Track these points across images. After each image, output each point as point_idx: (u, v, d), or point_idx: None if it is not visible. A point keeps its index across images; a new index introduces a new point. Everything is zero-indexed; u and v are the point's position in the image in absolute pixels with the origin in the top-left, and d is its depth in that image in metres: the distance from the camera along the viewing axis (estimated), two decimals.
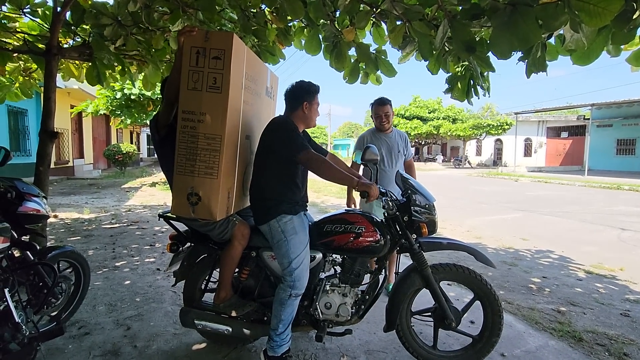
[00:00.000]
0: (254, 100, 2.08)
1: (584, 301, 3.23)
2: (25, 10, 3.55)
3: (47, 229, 5.33)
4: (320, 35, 3.05)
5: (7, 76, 4.53)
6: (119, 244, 4.68)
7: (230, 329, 2.12)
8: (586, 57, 1.93)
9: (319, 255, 2.11)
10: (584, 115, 23.69)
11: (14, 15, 3.68)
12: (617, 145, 22.02)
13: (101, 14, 3.14)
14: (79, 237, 4.99)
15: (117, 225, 5.86)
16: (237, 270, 2.20)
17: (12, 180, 2.06)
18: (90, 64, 3.76)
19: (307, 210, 2.21)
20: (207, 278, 2.29)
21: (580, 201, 9.93)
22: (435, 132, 28.37)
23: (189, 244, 2.27)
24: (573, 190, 12.75)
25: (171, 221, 2.18)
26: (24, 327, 1.74)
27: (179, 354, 2.26)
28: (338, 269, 2.21)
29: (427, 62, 2.61)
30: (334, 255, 2.18)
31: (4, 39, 3.80)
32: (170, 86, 1.83)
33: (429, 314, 2.22)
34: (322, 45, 3.08)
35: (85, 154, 16.24)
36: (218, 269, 2.13)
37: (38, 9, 3.61)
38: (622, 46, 1.94)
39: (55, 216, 6.34)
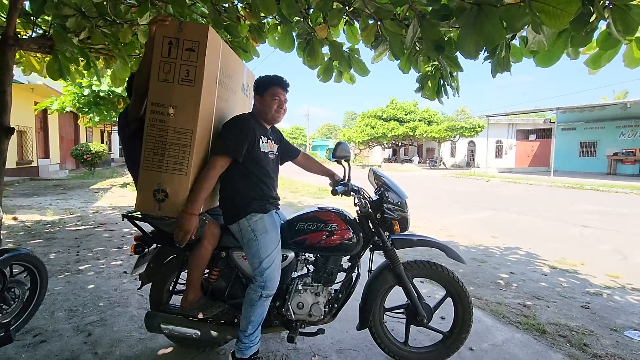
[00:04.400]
0: (228, 97, 2.02)
1: (548, 295, 3.37)
2: None
3: (4, 232, 5.03)
4: (293, 33, 3.03)
5: None
6: (83, 247, 4.46)
7: (199, 333, 2.05)
8: (548, 59, 2.01)
9: (291, 255, 2.08)
10: (550, 119, 24.85)
11: None
12: (580, 148, 23.21)
13: (63, 4, 2.98)
14: (40, 240, 4.71)
15: (82, 227, 5.59)
16: (206, 271, 2.13)
17: None
18: (51, 56, 3.56)
19: (278, 208, 2.17)
20: (174, 280, 2.20)
21: (547, 200, 10.39)
22: (412, 134, 28.93)
23: (155, 245, 2.18)
24: (540, 190, 13.33)
25: (136, 221, 2.09)
26: None
27: (143, 359, 2.16)
28: (311, 268, 2.19)
29: (399, 61, 2.64)
30: (307, 254, 2.15)
31: None
32: (140, 77, 1.75)
33: (402, 310, 2.24)
34: (296, 43, 3.05)
35: (51, 153, 15.44)
36: (186, 271, 2.06)
37: None
38: (580, 49, 2.03)
39: (15, 218, 5.98)
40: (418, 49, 2.52)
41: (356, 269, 2.15)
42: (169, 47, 1.61)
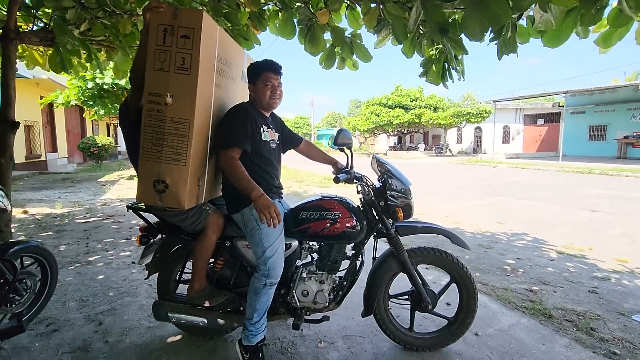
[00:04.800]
0: (227, 85, 2.00)
1: (555, 280, 3.35)
2: None
3: (16, 225, 5.12)
4: (294, 19, 2.97)
5: None
6: (93, 239, 4.53)
7: (206, 321, 2.08)
8: (556, 39, 1.94)
9: (295, 243, 2.08)
10: (559, 103, 24.35)
11: None
12: (590, 132, 22.79)
13: None
14: (50, 233, 4.79)
15: (91, 219, 5.67)
16: (212, 260, 2.15)
17: None
18: (53, 49, 3.55)
19: (282, 197, 2.17)
20: (181, 270, 2.23)
21: (554, 186, 10.27)
22: (417, 121, 28.58)
23: (160, 236, 2.20)
24: (548, 176, 13.17)
25: (141, 212, 2.10)
26: None
27: (152, 347, 2.20)
28: (315, 256, 2.19)
29: (402, 45, 2.59)
30: (311, 243, 2.16)
31: None
32: (136, 66, 1.73)
33: (406, 297, 2.24)
34: (297, 29, 3.00)
35: (58, 147, 15.60)
36: (192, 260, 2.08)
37: None
38: (590, 28, 1.96)
39: (25, 212, 6.07)
40: (422, 32, 2.46)
41: (360, 256, 2.15)
42: (164, 35, 1.58)
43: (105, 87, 10.44)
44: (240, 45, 3.41)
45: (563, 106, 21.88)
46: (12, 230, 4.36)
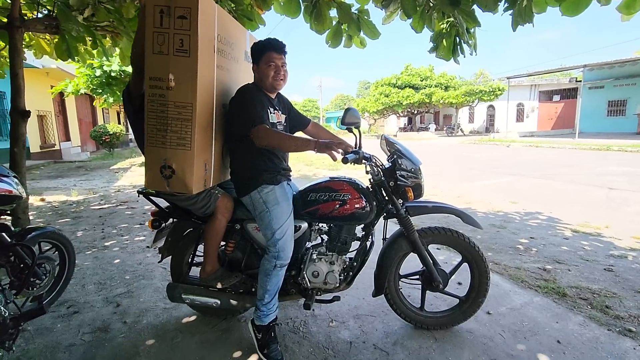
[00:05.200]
0: (230, 66, 1.96)
1: (569, 259, 3.30)
2: None
3: (34, 212, 5.27)
4: None
5: None
6: (108, 224, 4.63)
7: (219, 302, 2.12)
8: (575, 7, 1.83)
9: (304, 225, 2.08)
10: (576, 78, 23.47)
11: None
12: (608, 107, 22.01)
13: None
14: (67, 219, 4.92)
15: (106, 205, 5.79)
16: (222, 243, 2.17)
17: None
18: (59, 37, 3.55)
19: (290, 179, 2.15)
20: (193, 252, 2.26)
21: (570, 163, 10.02)
22: (428, 101, 27.96)
23: (171, 220, 2.22)
24: (563, 153, 12.84)
25: (151, 197, 2.12)
26: (2, 307, 1.72)
27: (168, 327, 2.27)
28: (325, 237, 2.19)
29: (412, 20, 2.49)
30: (320, 224, 2.15)
31: None
32: (136, 50, 1.71)
33: (417, 277, 2.24)
34: (302, 7, 2.92)
35: (71, 136, 15.85)
36: (203, 243, 2.10)
37: None
38: None
39: (42, 199, 6.23)
40: (432, 4, 2.36)
41: (370, 237, 2.14)
42: (161, 17, 1.54)
43: (112, 74, 10.47)
44: (244, 26, 3.35)
45: (580, 81, 21.09)
46: (31, 217, 4.49)
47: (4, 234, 2.06)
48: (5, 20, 3.17)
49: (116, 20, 3.52)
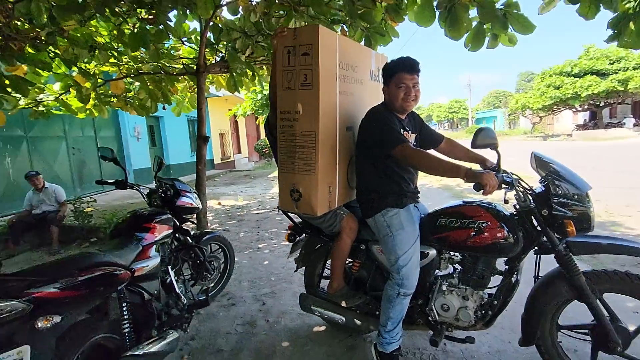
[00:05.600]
0: (354, 89, 2.01)
1: None
2: (183, 39, 4.37)
3: (212, 214, 6.59)
4: (434, 2, 2.71)
5: (180, 94, 5.72)
6: (262, 228, 5.40)
7: (344, 319, 2.17)
8: None
9: (432, 252, 1.92)
10: None
11: (177, 45, 4.59)
12: None
13: (231, 29, 3.59)
14: (234, 222, 5.99)
15: (262, 211, 6.77)
16: (350, 261, 2.22)
17: (173, 180, 2.60)
18: (229, 75, 4.38)
19: (418, 201, 2.03)
20: (322, 266, 2.40)
21: None
22: (621, 89, 21.49)
23: (304, 234, 2.41)
24: None
25: (288, 213, 2.35)
26: (183, 296, 2.20)
27: (301, 333, 2.46)
28: (457, 267, 1.97)
29: (578, 5, 1.99)
30: (452, 253, 1.95)
31: (173, 65, 4.80)
32: (272, 89, 1.95)
33: (586, 331, 1.76)
34: (437, 14, 2.72)
35: (242, 149, 19.34)
36: (330, 261, 2.20)
37: (192, 36, 4.40)
38: None
39: (219, 203, 7.77)
40: None
41: (515, 274, 1.81)
42: (288, 56, 1.71)
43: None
44: (377, 42, 3.37)
45: None
46: (209, 218, 5.66)
47: (187, 237, 2.64)
48: (194, 67, 4.13)
49: (269, 54, 4.11)
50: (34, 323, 1.27)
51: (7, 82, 3.13)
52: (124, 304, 1.67)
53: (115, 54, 4.00)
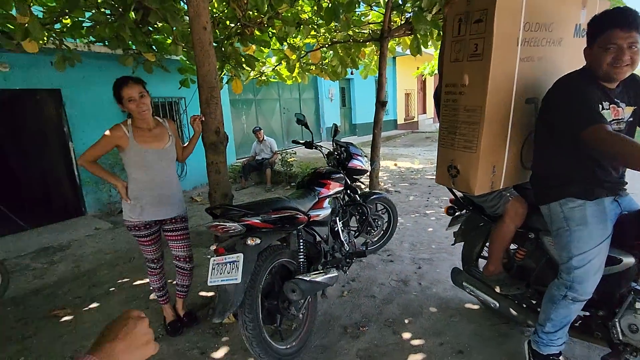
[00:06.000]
0: (544, 53, 1.68)
1: None
2: (372, 4, 4.54)
3: (387, 174, 6.94)
4: None
5: (367, 58, 6.05)
6: (433, 194, 5.34)
7: (497, 305, 2.05)
8: None
9: (630, 260, 1.53)
10: None
11: (366, 11, 4.82)
12: None
13: None
14: (406, 184, 6.14)
15: None
16: (514, 247, 2.04)
17: (347, 144, 2.94)
18: (412, 38, 4.31)
19: (620, 194, 1.60)
20: (481, 246, 2.28)
21: None
22: None
23: (465, 210, 2.32)
24: None
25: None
26: (346, 244, 2.59)
27: (451, 304, 2.48)
28: None
29: None
30: None
31: (362, 31, 5.09)
32: (440, 60, 1.87)
33: None
34: None
35: (427, 109, 18.69)
36: (488, 243, 2.07)
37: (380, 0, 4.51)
38: None
39: (395, 164, 8.04)
40: None
41: None
42: (459, 25, 1.56)
43: None
44: None
45: None
46: (384, 178, 6.01)
47: (356, 195, 2.99)
48: (378, 34, 4.26)
49: None
50: (245, 240, 1.85)
51: (242, 59, 4.17)
52: (301, 240, 2.15)
53: (315, 27, 4.59)
